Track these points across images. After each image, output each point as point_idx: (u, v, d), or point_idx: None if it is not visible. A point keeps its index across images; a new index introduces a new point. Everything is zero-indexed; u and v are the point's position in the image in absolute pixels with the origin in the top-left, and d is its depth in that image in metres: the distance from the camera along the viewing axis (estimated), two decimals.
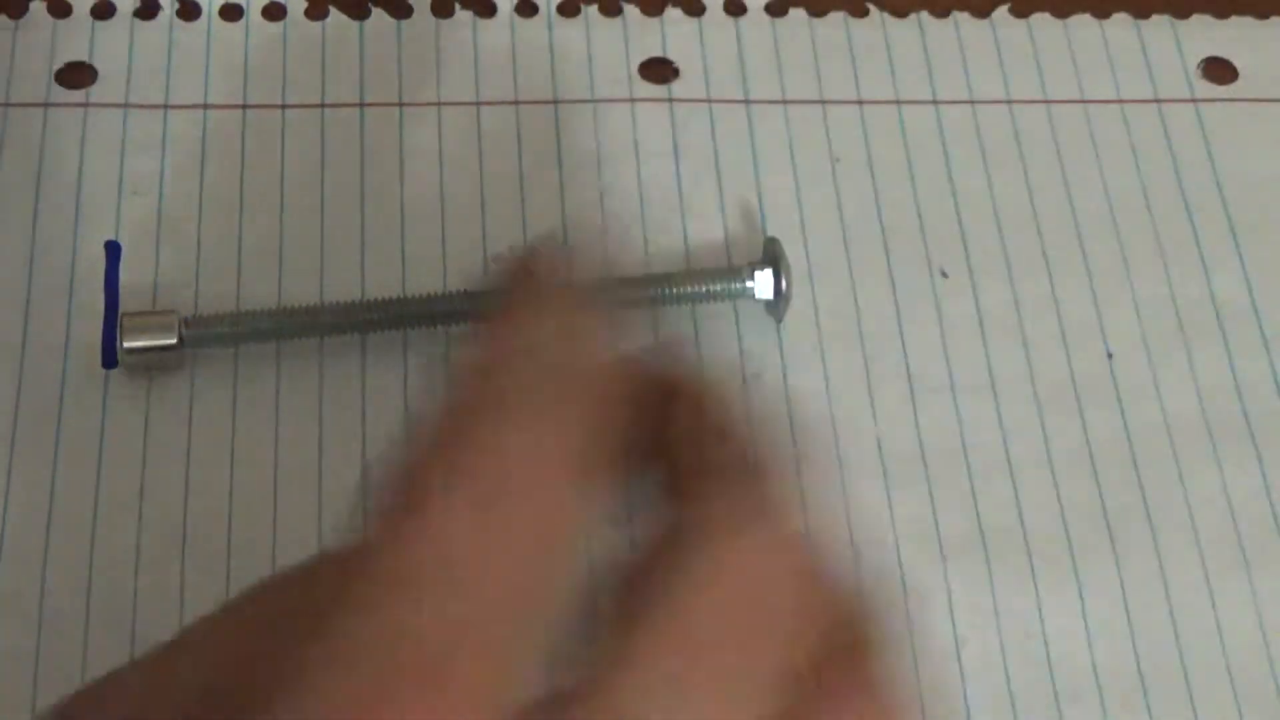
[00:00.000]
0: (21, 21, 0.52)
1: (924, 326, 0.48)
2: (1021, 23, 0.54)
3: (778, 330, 0.47)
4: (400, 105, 0.51)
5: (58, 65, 0.51)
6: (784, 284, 0.47)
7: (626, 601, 0.28)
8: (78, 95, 0.50)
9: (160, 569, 0.43)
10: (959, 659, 0.43)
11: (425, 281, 0.47)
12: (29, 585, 0.42)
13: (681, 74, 0.52)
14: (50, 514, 0.43)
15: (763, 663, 0.28)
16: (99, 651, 0.42)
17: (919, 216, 0.50)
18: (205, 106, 0.50)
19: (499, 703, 0.25)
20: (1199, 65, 0.53)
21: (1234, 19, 0.54)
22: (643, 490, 0.44)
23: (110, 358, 0.46)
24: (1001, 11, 0.54)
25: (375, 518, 0.26)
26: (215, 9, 0.52)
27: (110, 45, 0.51)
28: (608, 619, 0.27)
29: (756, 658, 0.28)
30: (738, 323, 0.47)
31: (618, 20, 0.53)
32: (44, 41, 0.51)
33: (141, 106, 0.50)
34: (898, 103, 0.52)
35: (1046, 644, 0.43)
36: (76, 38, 0.52)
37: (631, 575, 0.28)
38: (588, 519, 0.28)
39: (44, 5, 0.52)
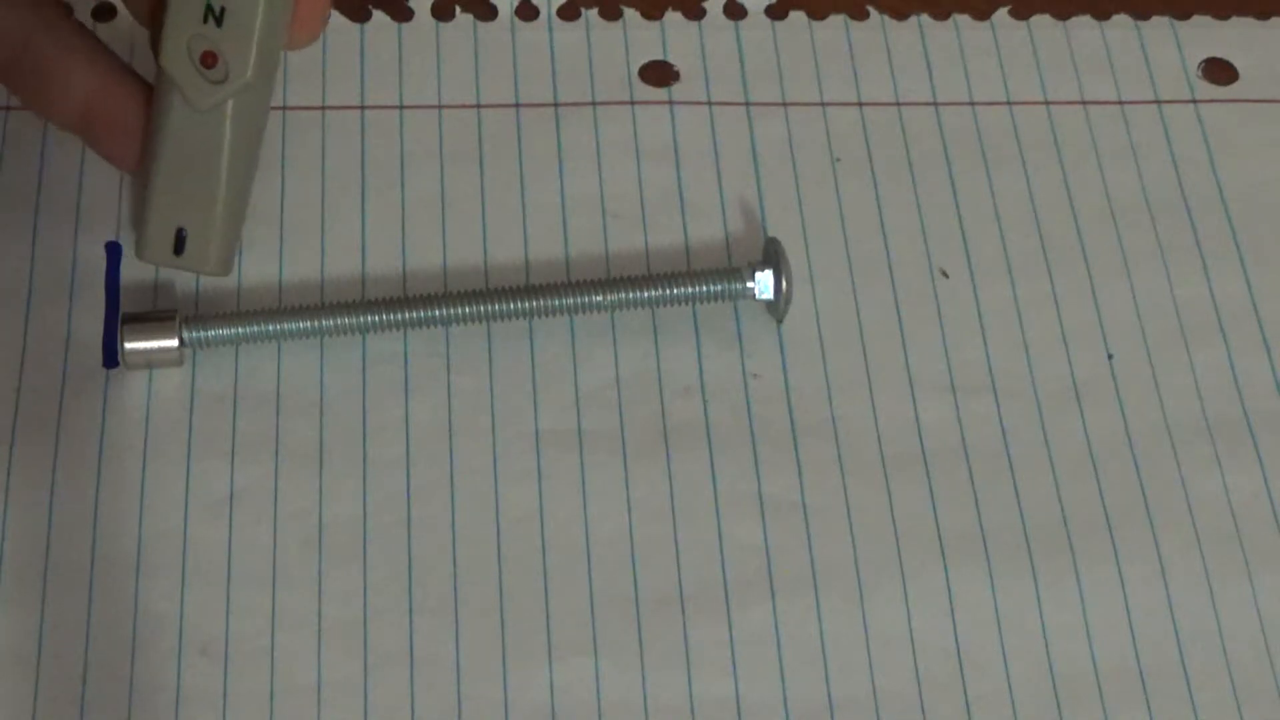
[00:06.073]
0: None
1: (924, 326, 0.48)
2: (1021, 24, 0.54)
3: (778, 330, 0.47)
4: (401, 108, 0.51)
5: None
6: (784, 284, 0.47)
7: None
8: None
9: (161, 569, 0.43)
10: (959, 658, 0.43)
11: (426, 283, 0.48)
12: (29, 585, 0.42)
13: (682, 77, 0.52)
14: (50, 514, 0.43)
15: None
16: (100, 652, 0.42)
17: (919, 217, 0.50)
18: None
19: None
20: (1199, 66, 0.53)
21: (1234, 19, 0.54)
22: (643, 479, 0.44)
23: (111, 358, 0.46)
24: (1001, 14, 0.54)
25: None
26: None
27: (111, 48, 0.51)
28: None
29: None
30: (738, 323, 0.47)
31: (618, 23, 0.53)
32: None
33: None
34: (898, 104, 0.52)
35: (1046, 644, 0.43)
36: None
37: None
38: None
39: None
